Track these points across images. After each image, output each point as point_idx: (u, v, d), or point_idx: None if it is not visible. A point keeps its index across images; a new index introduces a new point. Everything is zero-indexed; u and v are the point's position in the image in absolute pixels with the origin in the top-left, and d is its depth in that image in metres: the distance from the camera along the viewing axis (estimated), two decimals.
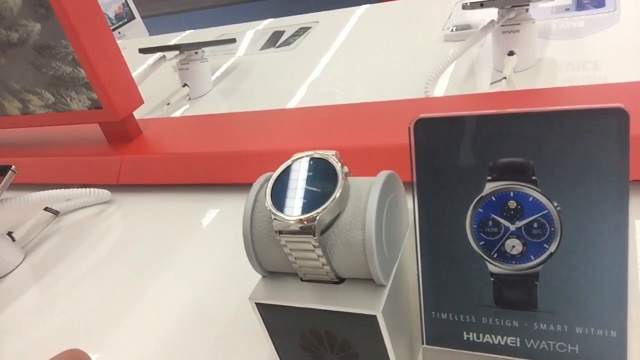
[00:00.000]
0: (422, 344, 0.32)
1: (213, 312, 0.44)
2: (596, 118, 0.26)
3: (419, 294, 0.31)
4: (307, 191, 0.29)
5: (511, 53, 0.63)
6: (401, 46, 0.81)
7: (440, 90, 0.64)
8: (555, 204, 0.28)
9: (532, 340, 0.30)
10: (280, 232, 0.28)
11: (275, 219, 0.28)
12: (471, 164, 0.29)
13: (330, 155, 0.30)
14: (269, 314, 0.32)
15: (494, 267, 0.30)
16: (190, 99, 0.87)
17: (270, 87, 0.83)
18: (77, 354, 0.35)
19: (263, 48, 0.99)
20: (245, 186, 0.52)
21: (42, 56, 0.63)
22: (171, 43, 1.14)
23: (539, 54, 0.65)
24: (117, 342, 0.45)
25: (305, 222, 0.27)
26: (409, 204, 0.32)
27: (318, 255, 0.28)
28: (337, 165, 0.29)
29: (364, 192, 0.29)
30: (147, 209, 0.62)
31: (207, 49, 0.89)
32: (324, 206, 0.27)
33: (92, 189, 0.63)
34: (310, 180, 0.29)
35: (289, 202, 0.29)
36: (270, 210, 0.28)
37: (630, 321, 0.27)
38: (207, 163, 0.59)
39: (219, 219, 0.56)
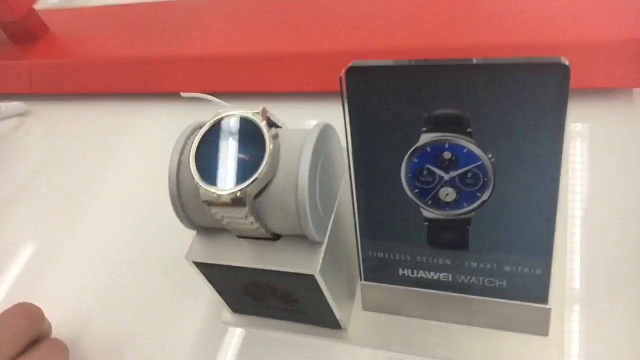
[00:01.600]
0: (360, 280, 0.33)
1: (153, 242, 0.44)
2: (535, 72, 0.24)
3: (355, 237, 0.31)
4: (234, 158, 0.27)
5: None
6: None
7: None
8: (490, 155, 0.27)
9: (463, 276, 0.31)
10: (208, 203, 0.27)
11: (202, 191, 0.26)
12: (406, 114, 0.27)
13: (258, 114, 0.27)
14: (207, 269, 0.31)
15: (428, 213, 0.30)
16: None
17: None
18: (28, 309, 0.34)
19: None
20: (176, 96, 0.49)
21: None
22: None
23: None
24: (47, 281, 0.44)
25: (236, 195, 0.26)
26: (343, 143, 0.31)
27: (251, 222, 0.27)
28: (265, 130, 0.26)
29: (295, 153, 0.27)
30: (69, 122, 0.57)
31: None
32: (253, 177, 0.26)
33: (1, 103, 0.57)
34: (236, 145, 0.27)
35: (216, 171, 0.27)
36: (196, 181, 0.27)
37: (555, 261, 0.29)
38: (131, 69, 0.54)
39: (151, 132, 0.53)
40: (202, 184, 0.26)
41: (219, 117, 0.28)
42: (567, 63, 0.23)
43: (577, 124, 0.41)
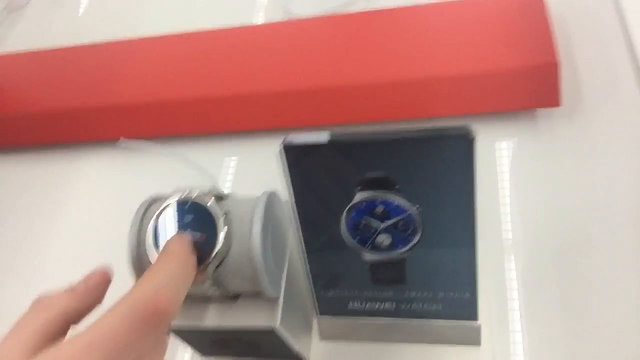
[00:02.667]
0: (316, 314, 0.37)
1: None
2: (446, 143, 0.28)
3: (308, 283, 0.35)
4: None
5: None
6: None
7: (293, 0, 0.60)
8: (417, 206, 0.31)
9: (404, 304, 0.36)
10: None
11: None
12: (341, 178, 0.31)
13: (206, 195, 0.30)
14: (175, 332, 0.34)
15: (369, 257, 0.34)
16: (10, 12, 0.74)
17: None
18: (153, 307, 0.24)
19: None
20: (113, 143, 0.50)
21: None
22: None
23: None
24: None
25: (195, 275, 0.29)
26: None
27: (213, 291, 0.30)
28: (216, 213, 0.29)
29: (245, 224, 0.30)
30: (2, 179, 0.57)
31: None
32: (211, 256, 0.29)
33: None
34: (191, 225, 0.29)
35: None
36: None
37: (480, 284, 0.33)
38: (63, 119, 0.54)
39: (91, 182, 0.54)
40: None
41: (171, 200, 0.30)
42: (472, 135, 0.27)
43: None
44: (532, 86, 0.45)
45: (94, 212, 0.51)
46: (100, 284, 0.27)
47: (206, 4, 0.65)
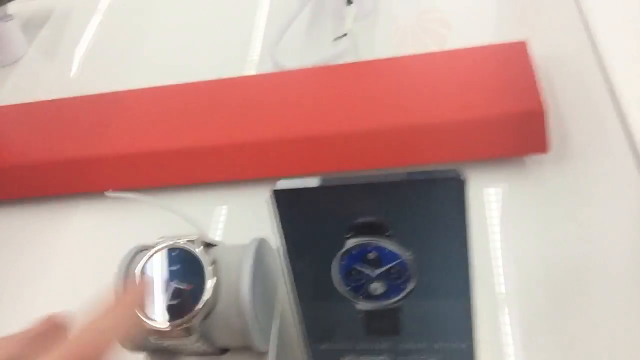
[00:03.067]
0: None
1: None
2: (437, 185, 0.28)
3: (299, 335, 0.34)
4: (177, 289, 0.28)
5: (350, 2, 0.62)
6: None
7: (283, 53, 0.61)
8: (409, 253, 0.30)
9: (400, 357, 0.34)
10: (156, 338, 0.28)
11: (148, 326, 0.28)
12: (332, 224, 0.30)
13: (193, 242, 0.29)
14: None
15: (362, 306, 0.33)
16: (3, 66, 0.75)
17: (105, 40, 0.73)
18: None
19: None
20: (100, 195, 0.49)
21: None
22: None
23: None
24: None
25: (183, 327, 0.27)
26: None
27: (198, 346, 0.29)
28: (204, 261, 0.28)
29: (234, 274, 0.29)
30: None
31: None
32: (198, 308, 0.28)
33: None
34: (178, 275, 0.28)
35: (158, 302, 0.28)
36: (139, 317, 0.28)
37: (477, 334, 0.32)
38: (50, 171, 0.53)
39: (74, 236, 0.53)
40: (148, 320, 0.28)
41: (158, 247, 0.29)
42: (463, 177, 0.27)
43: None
44: (520, 133, 0.45)
45: (81, 264, 0.50)
46: (52, 331, 0.25)
47: (197, 60, 0.66)
